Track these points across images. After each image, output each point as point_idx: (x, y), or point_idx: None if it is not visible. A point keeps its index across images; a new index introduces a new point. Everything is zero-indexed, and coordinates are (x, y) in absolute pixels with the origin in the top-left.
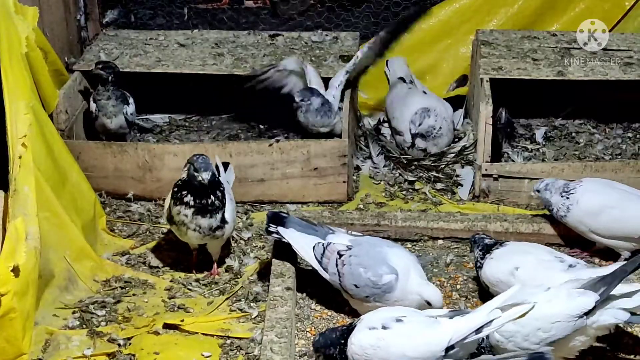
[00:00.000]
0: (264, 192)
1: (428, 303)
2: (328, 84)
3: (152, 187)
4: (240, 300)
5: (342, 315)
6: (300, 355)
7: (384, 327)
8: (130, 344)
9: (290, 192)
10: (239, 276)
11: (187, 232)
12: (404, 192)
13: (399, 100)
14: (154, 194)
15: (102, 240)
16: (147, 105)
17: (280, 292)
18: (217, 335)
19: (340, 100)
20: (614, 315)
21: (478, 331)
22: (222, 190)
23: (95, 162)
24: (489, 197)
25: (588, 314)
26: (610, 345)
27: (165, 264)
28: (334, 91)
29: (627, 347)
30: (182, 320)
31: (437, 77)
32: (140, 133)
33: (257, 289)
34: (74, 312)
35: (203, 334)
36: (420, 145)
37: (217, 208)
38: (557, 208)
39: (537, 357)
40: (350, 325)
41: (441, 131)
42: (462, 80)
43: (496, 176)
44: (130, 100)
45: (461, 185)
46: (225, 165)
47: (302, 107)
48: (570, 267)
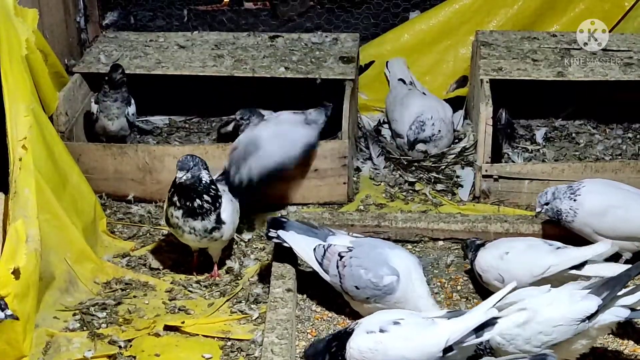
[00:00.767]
0: (264, 193)
1: None
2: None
3: (153, 189)
4: (240, 302)
5: (342, 316)
6: (301, 357)
7: (381, 331)
8: (131, 345)
9: (290, 194)
10: (239, 278)
11: (184, 235)
12: (404, 193)
13: (399, 102)
14: (154, 196)
15: (103, 242)
16: (147, 107)
17: (280, 294)
18: (217, 337)
19: None
20: (614, 313)
21: (479, 335)
22: (213, 193)
23: (95, 164)
24: (489, 198)
25: (590, 317)
26: (611, 346)
27: (166, 266)
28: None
29: (628, 347)
30: (183, 322)
31: (437, 78)
32: (140, 135)
33: (258, 290)
34: (74, 314)
35: (204, 335)
36: (421, 147)
37: (207, 210)
38: (567, 214)
39: (539, 359)
40: (346, 330)
41: (441, 134)
42: (462, 81)
43: (496, 177)
44: (132, 101)
45: (461, 186)
46: None
47: (242, 125)
48: (558, 249)
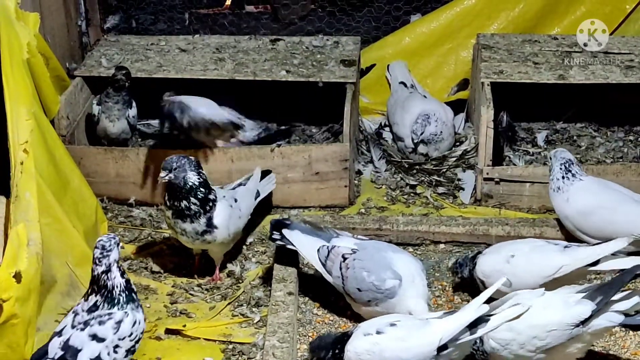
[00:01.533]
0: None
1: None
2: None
3: (154, 193)
4: (242, 305)
5: (344, 319)
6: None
7: (378, 332)
8: None
9: (291, 197)
10: (240, 281)
11: (178, 236)
12: (405, 196)
13: (400, 106)
14: (156, 200)
15: None
16: (149, 111)
17: (282, 297)
18: (219, 341)
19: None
20: (608, 318)
21: (473, 332)
22: (202, 196)
23: (96, 168)
24: (490, 201)
25: (584, 322)
26: (612, 349)
27: (167, 269)
28: None
29: (629, 350)
30: (184, 326)
31: (438, 80)
32: (141, 139)
33: (259, 293)
34: None
35: (205, 339)
36: (422, 150)
37: (196, 213)
38: (556, 181)
39: None
40: (347, 333)
41: (442, 135)
42: (463, 84)
43: (498, 180)
44: (134, 104)
45: (463, 189)
46: (265, 173)
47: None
48: (566, 247)
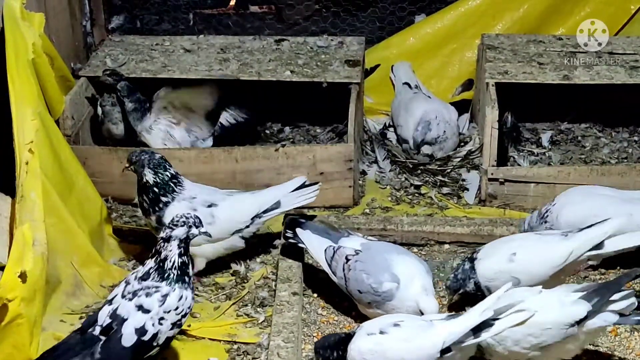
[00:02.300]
0: None
1: (422, 313)
2: None
3: None
4: (246, 305)
5: (348, 320)
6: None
7: (381, 332)
8: None
9: None
10: (245, 281)
11: None
12: (410, 197)
13: (403, 108)
14: None
15: (109, 246)
16: None
17: (287, 297)
18: (223, 341)
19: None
20: (603, 318)
21: (477, 336)
22: (152, 196)
23: (101, 168)
24: (495, 201)
25: (579, 322)
26: (617, 349)
27: None
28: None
29: (634, 351)
30: (189, 326)
31: (443, 81)
32: None
33: (264, 293)
34: (81, 318)
35: (210, 339)
36: (426, 150)
37: (146, 210)
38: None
39: None
40: (351, 334)
41: (446, 135)
42: (467, 85)
43: (502, 180)
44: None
45: (467, 189)
46: (308, 184)
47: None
48: (568, 234)
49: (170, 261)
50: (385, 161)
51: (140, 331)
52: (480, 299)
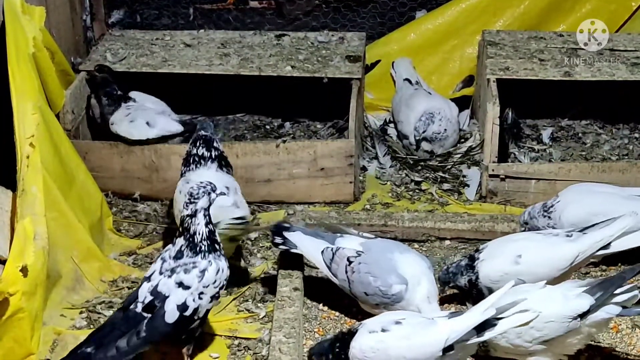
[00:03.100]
0: (271, 192)
1: None
2: None
3: (159, 188)
4: (247, 301)
5: (349, 315)
6: (308, 355)
7: (383, 330)
8: None
9: (296, 193)
10: (246, 276)
11: None
12: (410, 193)
13: (404, 104)
14: (161, 194)
15: (109, 241)
16: None
17: (288, 293)
18: (224, 336)
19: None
20: (606, 310)
21: (480, 334)
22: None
23: (102, 162)
24: (495, 197)
25: (582, 316)
26: (618, 346)
27: None
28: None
29: (636, 348)
30: None
31: (443, 77)
32: None
33: (265, 289)
34: (81, 312)
35: (210, 334)
36: (426, 147)
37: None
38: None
39: None
40: (344, 332)
41: (446, 132)
42: (468, 81)
43: (503, 177)
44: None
45: (468, 185)
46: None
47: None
48: (568, 236)
49: (199, 234)
50: (386, 157)
51: (182, 307)
52: (473, 295)
